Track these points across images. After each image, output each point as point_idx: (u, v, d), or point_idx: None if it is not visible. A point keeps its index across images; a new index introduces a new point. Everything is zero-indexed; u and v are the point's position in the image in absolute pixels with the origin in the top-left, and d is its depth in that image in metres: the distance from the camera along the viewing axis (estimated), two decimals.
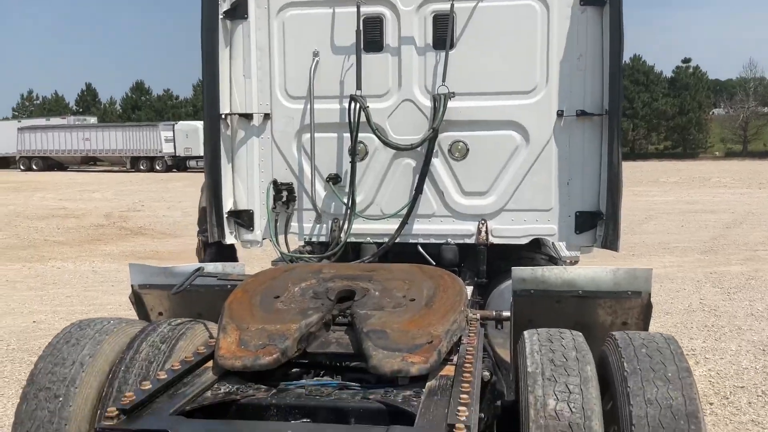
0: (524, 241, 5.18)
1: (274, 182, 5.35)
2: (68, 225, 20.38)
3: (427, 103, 5.07)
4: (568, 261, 6.22)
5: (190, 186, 31.36)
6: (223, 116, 5.25)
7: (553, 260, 5.74)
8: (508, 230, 5.14)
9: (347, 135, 5.14)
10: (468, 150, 5.11)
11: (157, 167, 48.15)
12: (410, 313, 3.10)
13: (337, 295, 3.36)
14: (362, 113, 4.99)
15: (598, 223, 4.97)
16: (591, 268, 4.14)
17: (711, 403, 6.18)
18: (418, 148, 5.08)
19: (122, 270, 12.31)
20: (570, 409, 2.85)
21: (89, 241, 17.49)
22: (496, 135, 5.06)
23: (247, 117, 5.33)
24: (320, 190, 5.36)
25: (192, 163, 45.86)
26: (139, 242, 17.40)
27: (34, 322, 9.47)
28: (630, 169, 5.62)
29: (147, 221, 21.29)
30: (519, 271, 4.14)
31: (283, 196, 5.35)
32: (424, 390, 2.64)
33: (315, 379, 3.04)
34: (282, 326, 3.00)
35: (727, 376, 6.98)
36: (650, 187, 30.16)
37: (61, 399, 3.17)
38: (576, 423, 2.82)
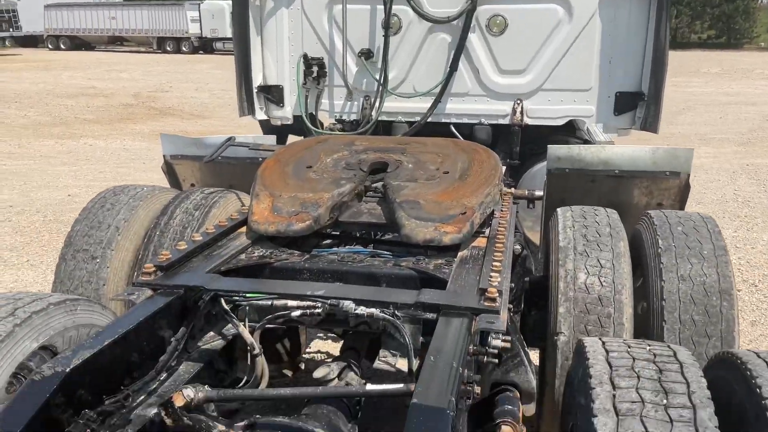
0: (560, 122, 5.06)
1: (305, 56, 5.22)
2: (98, 104, 20.40)
3: None
4: None
5: (216, 68, 31.00)
6: None
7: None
8: (545, 111, 5.00)
9: (380, 7, 4.94)
10: (507, 24, 4.89)
11: (184, 48, 47.40)
12: (444, 185, 3.06)
13: (370, 167, 3.33)
14: None
15: (638, 104, 4.81)
16: (629, 147, 4.05)
17: (739, 290, 6.18)
18: (455, 22, 4.88)
19: (153, 148, 12.43)
20: (600, 282, 2.86)
21: (119, 120, 17.55)
22: (537, 8, 4.82)
23: None
24: (352, 66, 5.22)
25: (219, 45, 45.02)
26: (168, 122, 17.42)
27: (69, 195, 9.68)
28: (670, 59, 5.32)
29: (175, 102, 21.21)
30: (554, 149, 4.06)
31: (314, 71, 5.23)
32: (455, 259, 2.64)
33: (347, 247, 3.05)
34: (314, 195, 2.99)
35: (757, 265, 6.95)
36: (690, 77, 29.09)
37: (98, 260, 3.27)
38: (605, 296, 2.83)
